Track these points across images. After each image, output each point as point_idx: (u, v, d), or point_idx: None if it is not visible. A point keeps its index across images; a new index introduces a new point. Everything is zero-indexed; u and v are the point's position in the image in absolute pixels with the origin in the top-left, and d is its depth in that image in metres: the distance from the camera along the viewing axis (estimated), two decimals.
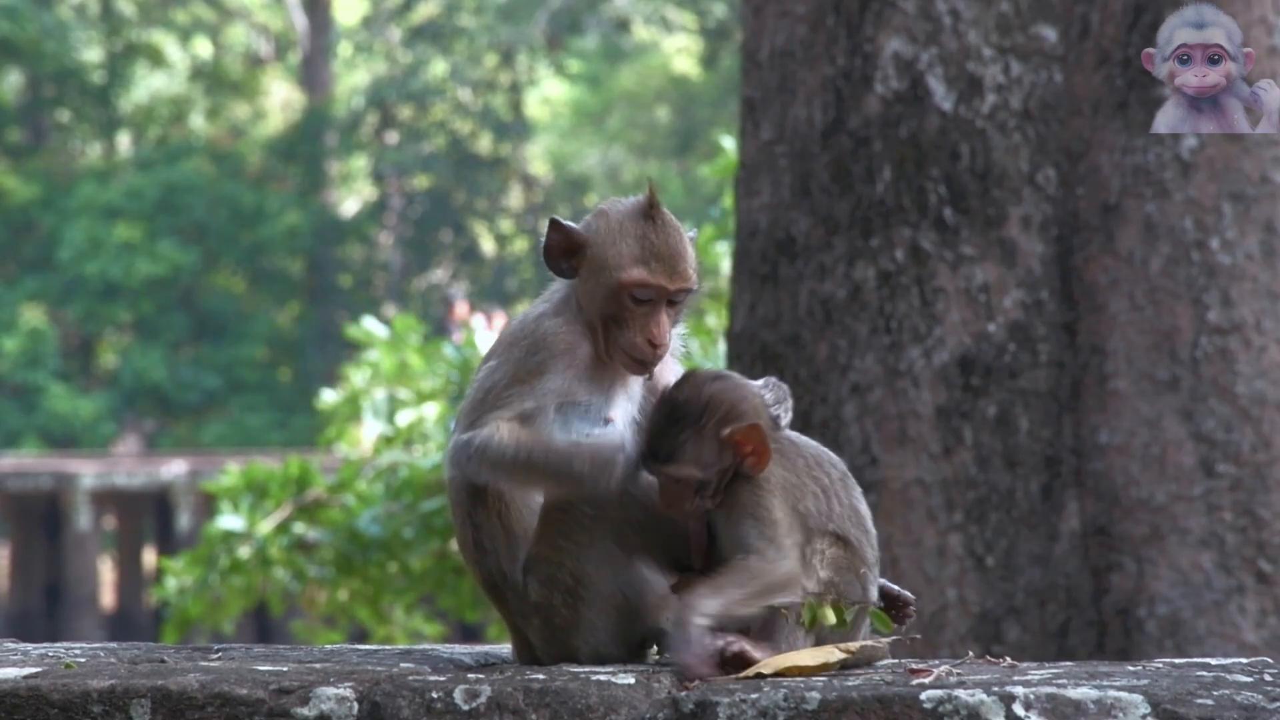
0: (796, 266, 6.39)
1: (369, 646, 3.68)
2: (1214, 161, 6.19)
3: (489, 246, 43.29)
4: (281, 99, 43.92)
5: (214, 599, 11.28)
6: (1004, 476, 6.14)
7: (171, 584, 11.32)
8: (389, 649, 3.63)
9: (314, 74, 42.02)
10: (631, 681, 3.04)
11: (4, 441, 35.12)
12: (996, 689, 2.95)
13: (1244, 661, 3.31)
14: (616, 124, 41.04)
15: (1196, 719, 2.87)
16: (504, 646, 3.61)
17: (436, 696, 3.01)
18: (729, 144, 10.30)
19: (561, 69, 42.95)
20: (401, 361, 12.30)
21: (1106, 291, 6.19)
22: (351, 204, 43.32)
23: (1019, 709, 2.90)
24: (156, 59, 41.42)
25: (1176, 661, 3.33)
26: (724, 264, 10.09)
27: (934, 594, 6.11)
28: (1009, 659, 3.37)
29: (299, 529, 11.37)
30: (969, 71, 6.25)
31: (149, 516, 30.11)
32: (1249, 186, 6.20)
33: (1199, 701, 2.91)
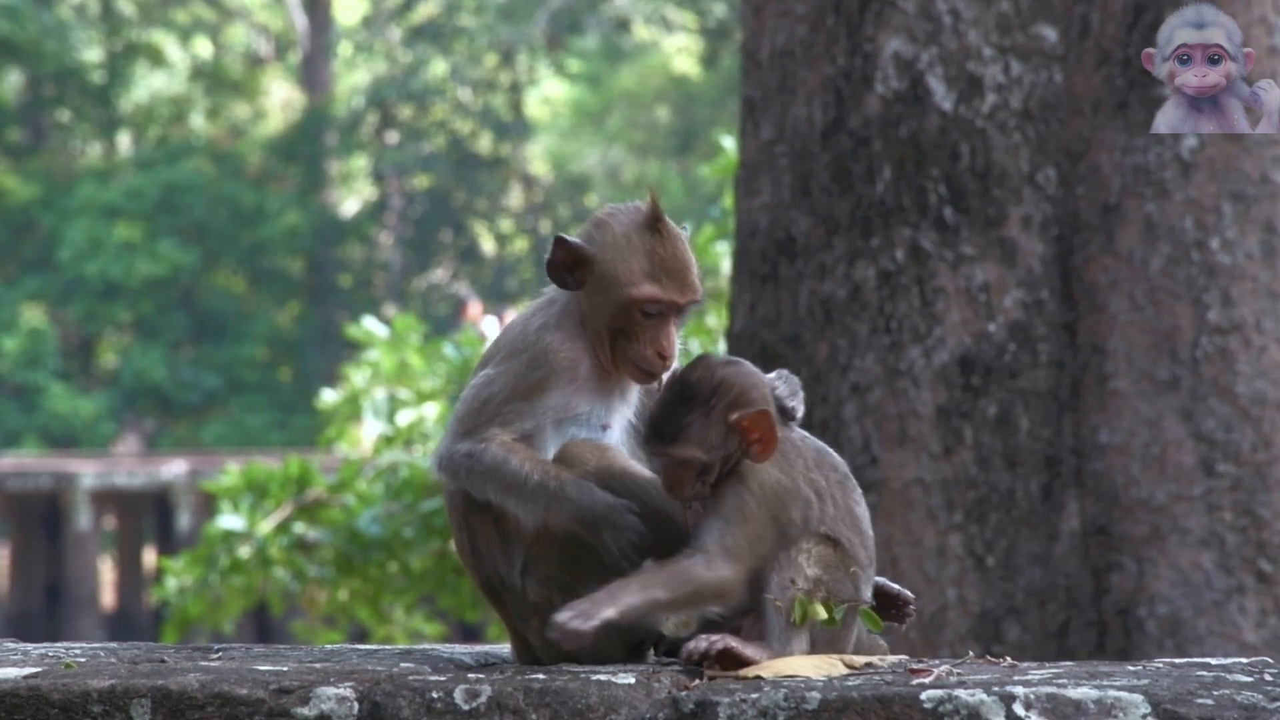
0: (796, 266, 6.39)
1: (369, 646, 3.68)
2: (1214, 161, 6.19)
3: (489, 246, 43.30)
4: (281, 99, 43.92)
5: (214, 599, 11.27)
6: (1004, 476, 6.14)
7: (171, 584, 11.32)
8: (389, 649, 3.63)
9: (314, 74, 42.02)
10: (631, 681, 3.04)
11: (4, 441, 35.13)
12: (997, 689, 2.95)
13: (1244, 661, 3.31)
14: (616, 124, 41.04)
15: (1197, 719, 2.87)
16: (504, 646, 3.61)
17: (436, 696, 3.01)
18: (729, 144, 10.30)
19: (561, 69, 42.95)
20: (401, 361, 12.30)
21: (1106, 291, 6.19)
22: (351, 204, 43.33)
23: (1019, 709, 2.90)
24: (156, 59, 41.42)
25: (1177, 661, 3.32)
26: (724, 264, 10.09)
27: (934, 594, 6.11)
28: (1009, 659, 3.36)
29: (299, 529, 11.37)
30: (969, 71, 6.25)
31: (149, 516, 30.11)
32: (1249, 186, 6.20)
33: (1199, 701, 2.91)
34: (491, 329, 13.92)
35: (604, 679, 3.04)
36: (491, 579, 3.36)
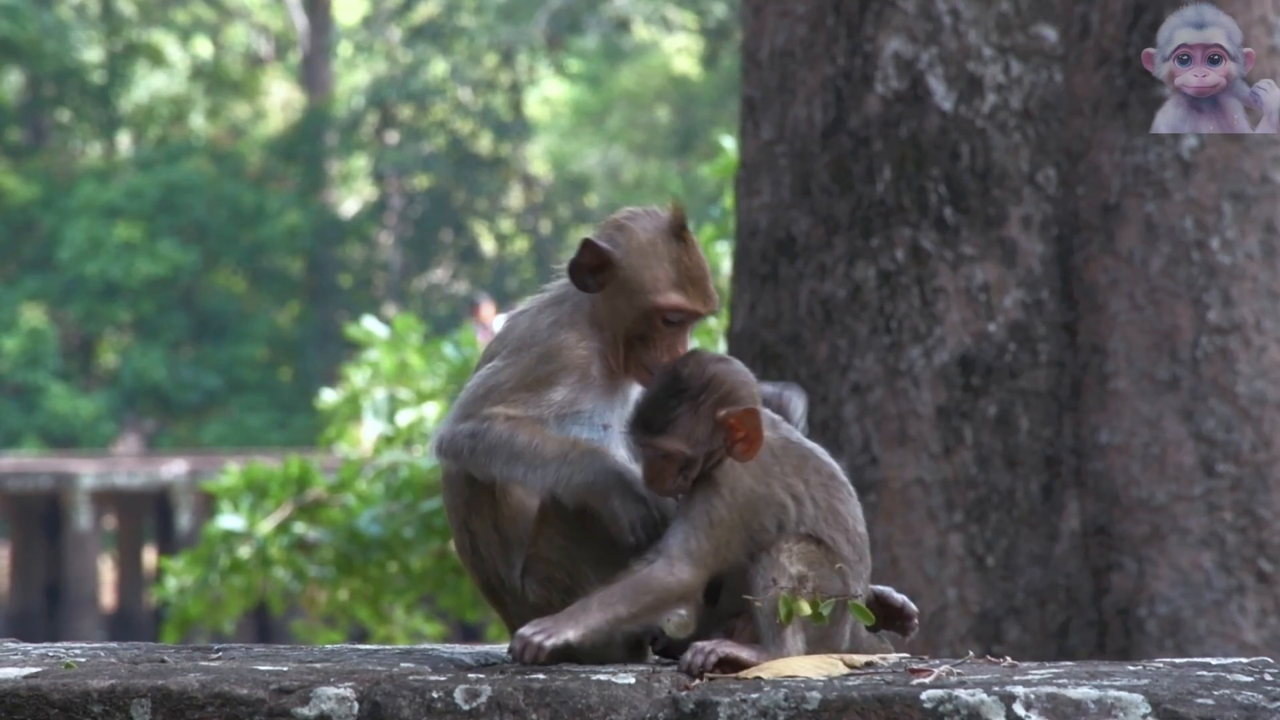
0: (796, 266, 6.39)
1: (369, 646, 3.68)
2: (1214, 161, 6.19)
3: (489, 246, 43.29)
4: (281, 99, 43.92)
5: (214, 599, 11.28)
6: (1004, 476, 6.14)
7: (171, 584, 11.32)
8: (389, 649, 3.63)
9: (314, 74, 42.02)
10: (631, 681, 3.04)
11: (4, 441, 35.13)
12: (997, 689, 2.95)
13: (1244, 661, 3.31)
14: (616, 124, 41.04)
15: (1197, 719, 2.87)
16: (504, 646, 3.60)
17: (437, 696, 3.01)
18: (729, 144, 10.30)
19: (561, 69, 42.95)
20: (401, 361, 12.29)
21: (1106, 291, 6.19)
22: (351, 204, 43.33)
23: (1019, 709, 2.90)
24: (156, 59, 41.42)
25: (1177, 661, 3.32)
26: (724, 264, 10.09)
27: (934, 594, 6.11)
28: (1009, 659, 3.36)
29: (299, 529, 11.37)
30: (969, 71, 6.26)
31: (149, 516, 30.11)
32: (1249, 186, 6.20)
33: (1199, 701, 2.91)
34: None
35: (604, 679, 3.04)
36: (491, 580, 3.37)
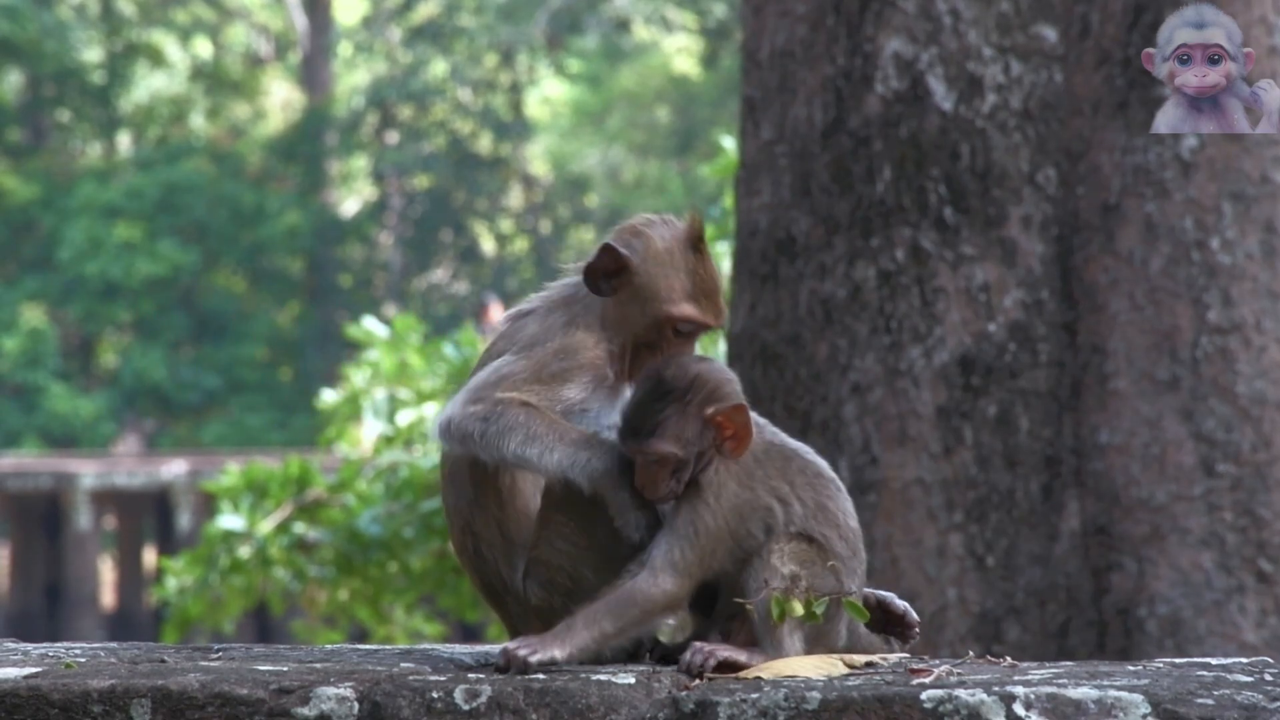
0: (796, 266, 6.39)
1: (369, 646, 3.68)
2: (1214, 161, 6.19)
3: (489, 246, 43.30)
4: (281, 99, 43.93)
5: (214, 599, 11.28)
6: (1004, 476, 6.14)
7: (171, 584, 11.32)
8: (389, 649, 3.63)
9: (314, 74, 42.02)
10: (632, 681, 3.04)
11: (4, 441, 35.13)
12: (997, 689, 2.95)
13: (1244, 661, 3.31)
14: (616, 124, 41.04)
15: (1197, 719, 2.87)
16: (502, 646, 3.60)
17: (437, 696, 3.01)
18: (729, 144, 10.30)
19: (561, 69, 42.95)
20: (401, 361, 12.29)
21: (1106, 291, 6.19)
22: (351, 204, 43.33)
23: (1019, 709, 2.90)
24: (156, 59, 41.42)
25: (1177, 661, 3.32)
26: (724, 264, 10.09)
27: (934, 594, 6.11)
28: (1009, 659, 3.36)
29: (299, 529, 11.37)
30: (969, 71, 6.26)
31: (149, 516, 30.11)
32: (1249, 186, 6.20)
33: (1199, 701, 2.91)
34: None
35: (604, 679, 3.04)
36: (493, 581, 3.36)
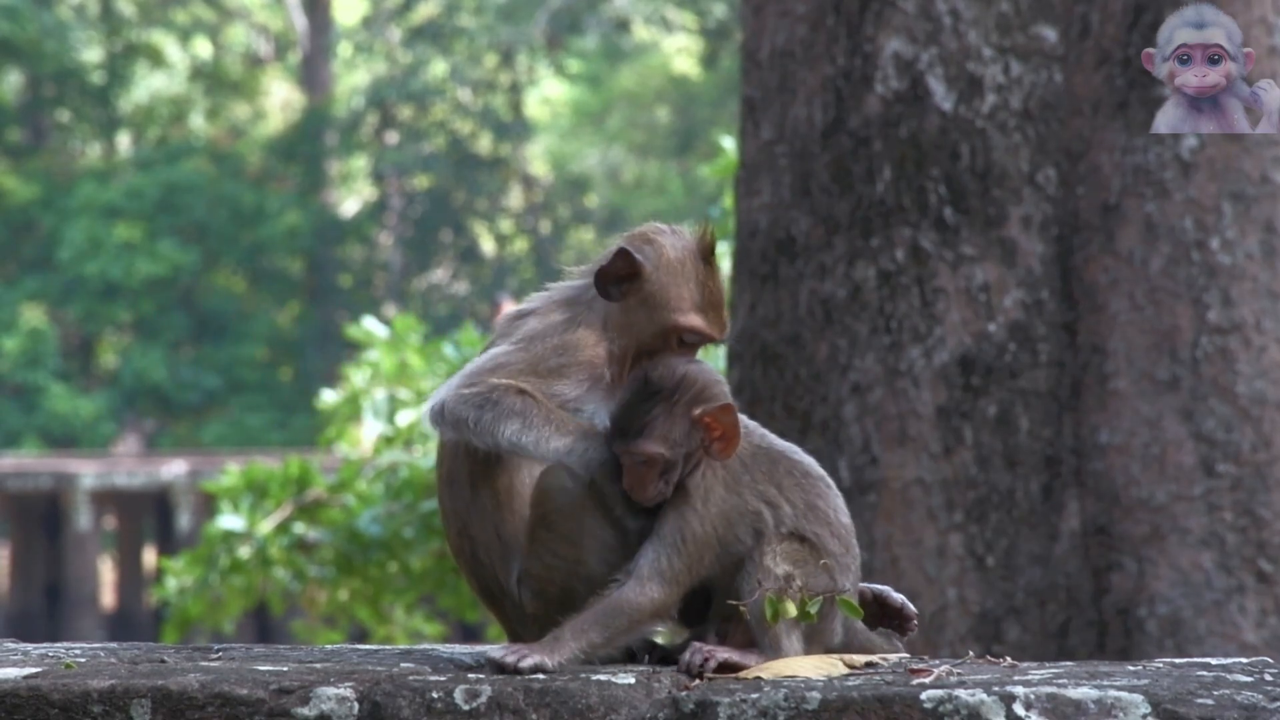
0: (796, 266, 6.39)
1: (369, 646, 3.68)
2: (1214, 161, 6.19)
3: (489, 246, 43.29)
4: (281, 99, 43.92)
5: (214, 599, 11.27)
6: (1004, 476, 6.14)
7: (171, 584, 11.32)
8: (389, 649, 3.63)
9: (314, 74, 42.02)
10: (632, 681, 3.04)
11: (4, 441, 35.13)
12: (997, 689, 2.95)
13: (1244, 661, 3.31)
14: (616, 124, 41.03)
15: (1197, 719, 2.87)
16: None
17: (437, 696, 3.01)
18: (729, 144, 10.30)
19: (561, 69, 42.94)
20: (401, 361, 12.28)
21: (1106, 291, 6.19)
22: (351, 204, 43.33)
23: (1019, 709, 2.90)
24: (156, 59, 41.42)
25: (1177, 661, 3.33)
26: (724, 264, 10.09)
27: (934, 594, 6.11)
28: (1009, 659, 3.36)
29: (299, 529, 11.37)
30: (969, 71, 6.25)
31: (149, 516, 30.11)
32: (1249, 186, 6.20)
33: (1199, 701, 2.91)
34: None
35: (604, 679, 3.04)
36: (490, 585, 3.37)
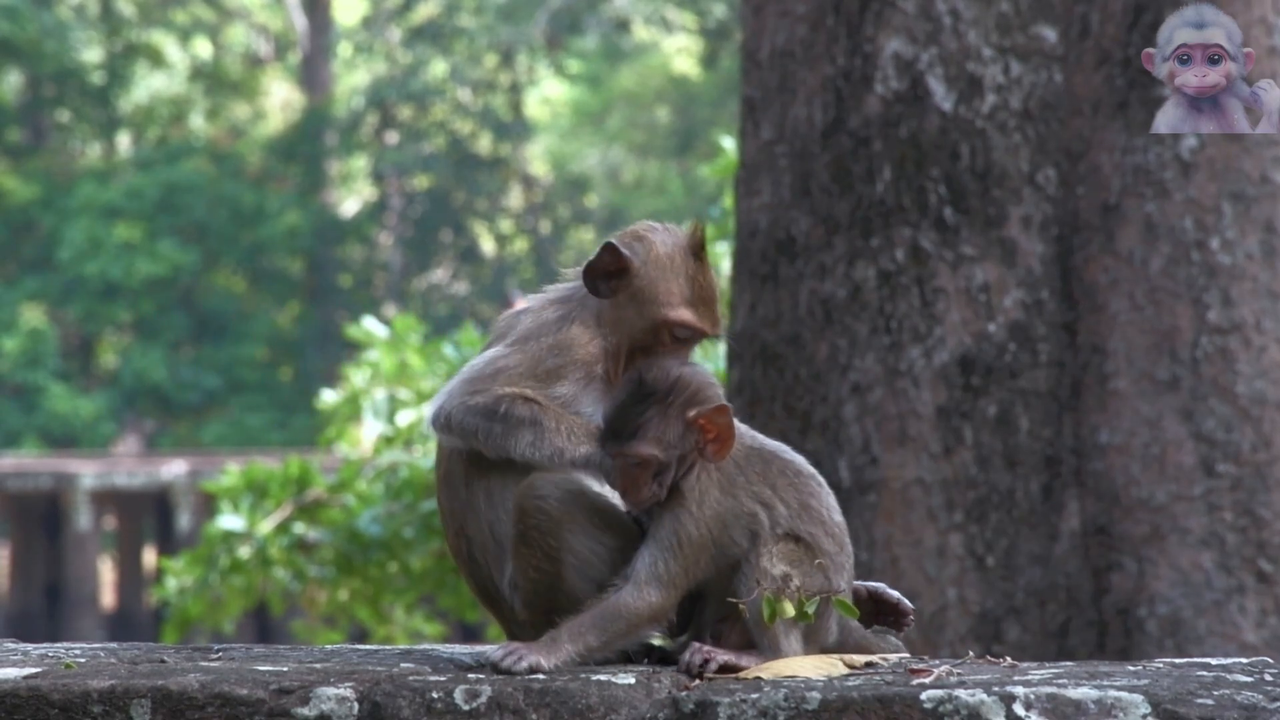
0: (796, 266, 6.39)
1: (369, 646, 3.68)
2: (1214, 161, 6.19)
3: (489, 246, 43.29)
4: (281, 99, 43.93)
5: (214, 599, 11.28)
6: (1004, 476, 6.14)
7: (171, 584, 11.33)
8: (389, 649, 3.63)
9: (314, 74, 42.02)
10: (631, 681, 3.04)
11: (4, 441, 35.13)
12: (997, 689, 2.95)
13: (1244, 661, 3.31)
14: (616, 124, 41.04)
15: (1197, 719, 2.87)
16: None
17: (437, 696, 3.01)
18: (729, 144, 10.30)
19: (561, 69, 42.95)
20: (401, 361, 12.29)
21: (1106, 291, 6.19)
22: (351, 204, 43.33)
23: (1019, 709, 2.90)
24: (156, 59, 41.42)
25: (1177, 661, 3.32)
26: (724, 264, 10.10)
27: (934, 594, 6.11)
28: (1009, 659, 3.36)
29: (299, 529, 11.37)
30: (969, 71, 6.25)
31: (149, 516, 30.12)
32: (1249, 186, 6.20)
33: (1199, 701, 2.91)
34: None
35: (604, 679, 3.04)
36: (487, 585, 3.37)
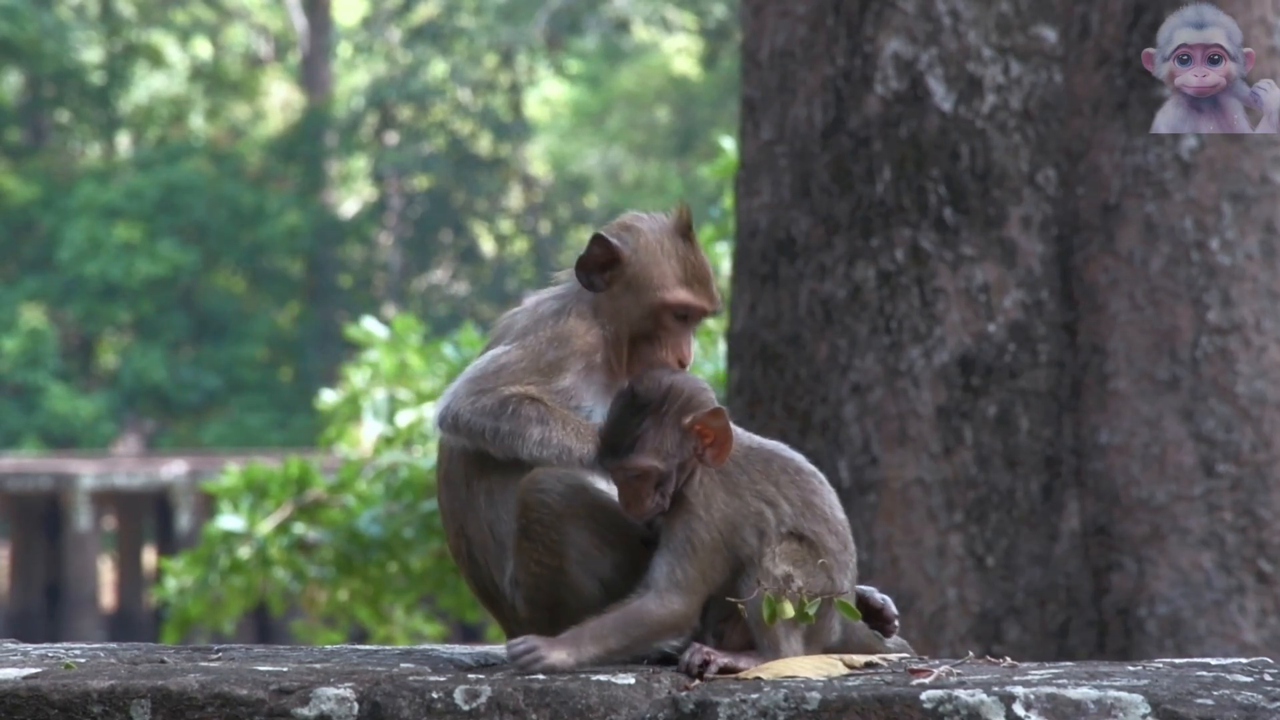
0: (796, 266, 6.39)
1: (369, 646, 3.68)
2: (1214, 161, 6.19)
3: (489, 246, 43.29)
4: (281, 99, 43.93)
5: (214, 599, 11.28)
6: (1004, 476, 6.14)
7: (171, 584, 11.32)
8: (389, 649, 3.63)
9: (314, 74, 42.02)
10: (631, 681, 3.04)
11: (4, 441, 35.14)
12: (996, 689, 2.95)
13: (1244, 661, 3.31)
14: (616, 124, 41.03)
15: (1196, 719, 2.87)
16: (504, 646, 3.60)
17: (436, 696, 3.01)
18: (729, 144, 10.30)
19: (561, 69, 42.95)
20: (401, 362, 12.29)
21: (1106, 291, 6.19)
22: (351, 204, 43.33)
23: (1019, 709, 2.90)
24: (156, 59, 41.42)
25: (1176, 661, 3.32)
26: (724, 264, 10.10)
27: (934, 594, 6.11)
28: (1009, 659, 3.36)
29: (299, 529, 11.37)
30: (969, 71, 6.26)
31: (149, 516, 30.12)
32: (1249, 186, 6.20)
33: (1199, 701, 2.91)
34: None
35: (604, 679, 3.04)
36: (487, 585, 3.37)
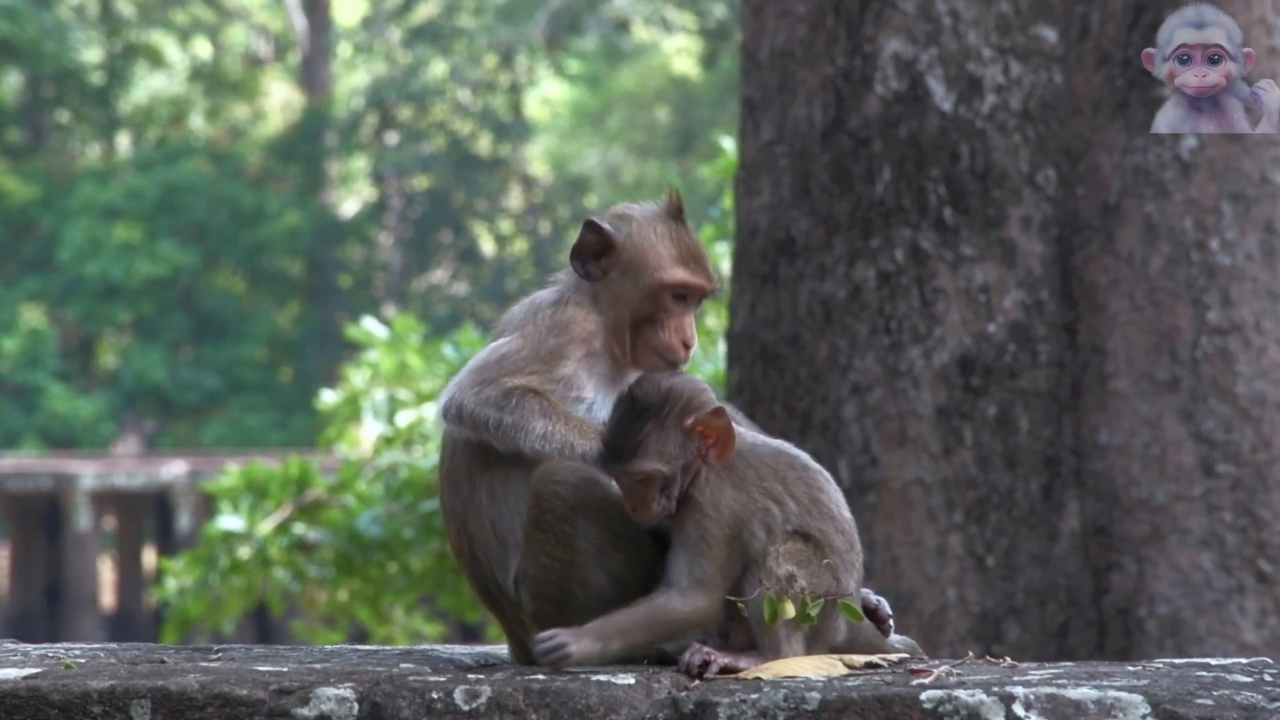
0: (796, 266, 6.39)
1: (369, 647, 3.68)
2: (1214, 161, 6.19)
3: (489, 247, 43.29)
4: (281, 99, 43.92)
5: (214, 599, 11.28)
6: (1004, 476, 6.14)
7: (171, 584, 11.33)
8: (389, 649, 3.63)
9: (314, 74, 42.02)
10: (631, 681, 3.04)
11: (4, 441, 35.14)
12: (996, 689, 2.95)
13: (1244, 661, 3.31)
14: (616, 124, 41.04)
15: (1196, 719, 2.87)
16: (503, 647, 3.61)
17: (436, 697, 3.01)
18: (729, 144, 10.30)
19: (561, 69, 42.95)
20: (401, 362, 12.29)
21: (1106, 291, 6.19)
22: (351, 204, 43.33)
23: (1019, 709, 2.90)
24: (156, 59, 41.42)
25: (1176, 661, 3.33)
26: (724, 264, 10.10)
27: (934, 594, 6.11)
28: (1009, 659, 3.37)
29: (299, 529, 11.37)
30: (969, 71, 6.26)
31: (149, 516, 30.12)
32: (1249, 186, 6.20)
33: (1199, 701, 2.91)
34: None
35: (604, 679, 3.04)
36: (488, 584, 3.36)
